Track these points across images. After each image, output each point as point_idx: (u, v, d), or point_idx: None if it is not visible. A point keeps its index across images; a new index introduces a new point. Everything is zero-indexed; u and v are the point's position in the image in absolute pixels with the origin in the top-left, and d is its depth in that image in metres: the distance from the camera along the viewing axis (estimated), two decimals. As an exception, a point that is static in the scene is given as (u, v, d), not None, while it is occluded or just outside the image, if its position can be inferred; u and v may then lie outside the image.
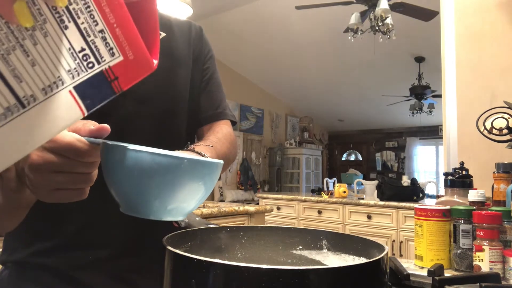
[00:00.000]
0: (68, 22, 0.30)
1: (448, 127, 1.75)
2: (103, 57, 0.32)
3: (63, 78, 0.30)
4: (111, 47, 0.32)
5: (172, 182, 0.40)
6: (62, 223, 0.67)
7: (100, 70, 0.32)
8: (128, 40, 0.32)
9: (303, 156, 7.69)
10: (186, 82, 0.79)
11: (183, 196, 0.42)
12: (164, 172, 0.39)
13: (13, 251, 0.69)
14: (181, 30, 0.82)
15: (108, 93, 0.33)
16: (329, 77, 6.77)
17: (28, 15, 0.27)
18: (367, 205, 3.21)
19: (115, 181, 0.42)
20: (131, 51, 0.33)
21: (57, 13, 0.29)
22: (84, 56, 0.31)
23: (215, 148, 0.70)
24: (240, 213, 2.31)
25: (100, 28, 0.31)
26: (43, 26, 0.28)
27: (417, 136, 8.78)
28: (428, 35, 4.48)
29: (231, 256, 0.54)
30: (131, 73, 0.33)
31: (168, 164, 0.39)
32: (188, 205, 0.44)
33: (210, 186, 0.43)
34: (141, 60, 0.33)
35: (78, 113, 0.32)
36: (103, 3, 0.31)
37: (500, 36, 1.64)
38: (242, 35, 5.54)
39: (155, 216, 0.43)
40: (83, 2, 0.30)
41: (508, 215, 0.81)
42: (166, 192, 0.40)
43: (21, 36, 0.28)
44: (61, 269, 0.66)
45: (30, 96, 0.29)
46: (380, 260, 0.39)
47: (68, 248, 0.67)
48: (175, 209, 0.43)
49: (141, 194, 0.41)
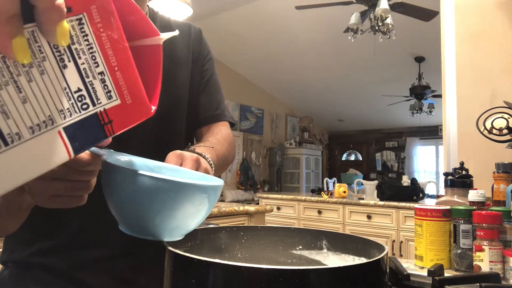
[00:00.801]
0: (68, 62, 0.29)
1: (448, 127, 1.75)
2: (99, 99, 0.31)
3: (54, 117, 0.29)
4: (109, 90, 0.31)
5: (172, 205, 0.40)
6: (63, 223, 0.67)
7: (94, 113, 0.30)
8: (128, 84, 0.32)
9: (303, 156, 7.69)
10: (186, 84, 0.79)
11: (183, 218, 0.42)
12: (164, 196, 0.39)
13: (14, 251, 0.69)
14: (180, 32, 0.82)
15: (99, 136, 0.31)
16: (329, 77, 6.77)
17: (27, 51, 0.26)
18: (367, 205, 3.21)
19: (114, 201, 0.42)
20: (130, 95, 0.32)
21: (58, 51, 0.28)
22: (80, 97, 0.30)
23: (215, 149, 0.70)
24: (240, 213, 2.31)
25: (101, 70, 0.30)
26: (41, 64, 0.28)
27: (417, 136, 8.78)
28: (428, 35, 4.48)
29: (231, 256, 0.54)
30: (127, 117, 0.32)
31: (169, 188, 0.39)
32: (187, 226, 0.44)
33: (210, 207, 0.43)
34: (138, 105, 0.32)
35: (65, 156, 0.30)
36: (107, 45, 0.30)
37: (500, 36, 1.64)
38: (242, 35, 5.54)
39: (154, 237, 0.42)
40: (86, 42, 0.29)
41: (508, 215, 0.81)
42: (166, 215, 0.40)
43: (16, 72, 0.27)
44: (61, 269, 0.66)
45: (15, 134, 0.27)
46: (380, 260, 0.39)
47: (68, 248, 0.67)
48: (174, 230, 0.43)
49: (140, 216, 0.41)
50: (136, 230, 0.42)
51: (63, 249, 0.67)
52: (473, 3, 1.71)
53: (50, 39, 0.27)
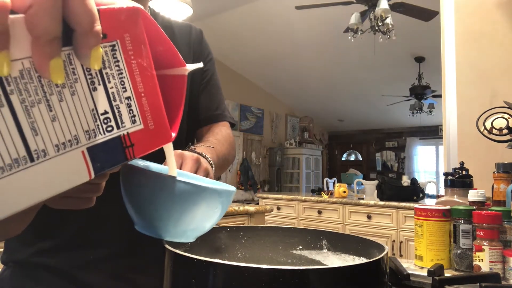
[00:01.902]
0: (98, 85, 0.30)
1: (448, 127, 1.75)
2: (124, 122, 0.31)
3: (79, 137, 0.30)
4: (134, 115, 0.32)
5: (192, 208, 0.41)
6: (63, 223, 0.67)
7: (118, 135, 0.31)
8: (152, 110, 0.33)
9: (303, 156, 7.69)
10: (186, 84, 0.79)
11: (200, 221, 0.43)
12: (186, 199, 0.40)
13: (14, 251, 0.69)
14: (181, 32, 0.83)
15: (120, 159, 0.32)
16: (329, 77, 6.77)
17: (62, 72, 0.27)
18: (367, 205, 3.20)
19: (135, 202, 0.43)
20: (153, 121, 0.33)
21: (89, 74, 0.29)
22: (106, 119, 0.31)
23: (215, 150, 0.70)
24: (240, 213, 2.31)
25: (128, 95, 0.31)
26: (72, 85, 0.29)
27: (417, 136, 8.78)
28: (428, 35, 4.48)
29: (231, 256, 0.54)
30: (148, 142, 0.33)
31: (192, 192, 0.40)
32: (202, 228, 0.45)
33: (224, 211, 0.45)
34: (160, 131, 0.34)
35: (85, 176, 0.31)
36: (136, 72, 0.31)
37: (500, 36, 1.64)
38: (242, 35, 5.54)
39: (170, 238, 0.43)
40: (117, 68, 0.30)
41: (508, 215, 0.81)
42: (185, 217, 0.42)
43: (49, 91, 0.28)
44: (62, 268, 0.66)
45: (41, 151, 0.28)
46: (380, 260, 0.39)
47: (69, 248, 0.67)
48: (190, 231, 0.44)
49: (159, 218, 0.42)
50: (153, 231, 0.44)
51: (64, 249, 0.67)
52: (473, 3, 1.71)
53: (84, 62, 0.29)
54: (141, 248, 0.69)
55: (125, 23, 0.30)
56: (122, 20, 0.30)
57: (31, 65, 0.26)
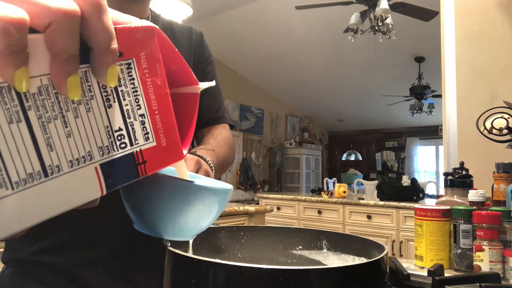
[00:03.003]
0: (113, 102, 0.30)
1: (448, 127, 1.76)
2: (137, 139, 0.32)
3: (93, 153, 0.30)
4: (147, 132, 0.32)
5: (188, 206, 0.42)
6: (64, 222, 0.67)
7: (131, 152, 0.32)
8: (165, 128, 0.33)
9: (303, 156, 7.69)
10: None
11: (197, 219, 0.44)
12: (181, 198, 0.41)
13: (15, 250, 0.69)
14: (182, 34, 0.84)
15: (132, 175, 0.32)
16: (329, 77, 6.77)
17: (78, 89, 0.28)
18: (367, 205, 3.21)
19: (132, 202, 0.44)
20: (165, 138, 0.33)
21: (105, 91, 0.30)
22: (119, 136, 0.31)
23: (215, 152, 0.71)
24: (240, 213, 2.31)
25: (142, 112, 0.32)
26: (88, 102, 0.29)
27: (417, 136, 8.78)
28: (428, 35, 4.48)
29: (231, 256, 0.54)
30: (160, 159, 0.34)
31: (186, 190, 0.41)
32: (200, 226, 0.46)
33: (221, 209, 0.46)
34: (172, 149, 0.34)
35: (97, 192, 0.31)
36: (150, 90, 0.32)
37: (500, 36, 1.64)
38: (242, 35, 5.54)
39: (168, 236, 0.44)
40: (132, 86, 0.31)
41: (508, 215, 0.81)
42: (182, 215, 0.42)
43: (66, 108, 0.28)
44: (63, 267, 0.66)
45: (55, 166, 0.28)
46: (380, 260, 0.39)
47: (69, 247, 0.67)
48: (188, 230, 0.45)
49: (157, 216, 0.42)
50: (151, 229, 0.44)
51: (64, 248, 0.67)
52: (473, 3, 1.71)
53: (101, 80, 0.29)
54: (141, 248, 0.69)
55: (141, 41, 0.31)
56: (138, 39, 0.31)
57: (49, 82, 0.27)
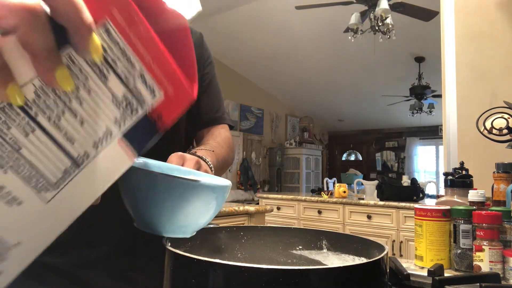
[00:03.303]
0: (107, 73, 0.30)
1: (448, 127, 1.75)
2: (144, 99, 0.32)
3: (111, 129, 0.30)
4: (152, 88, 0.32)
5: (185, 203, 0.42)
6: None
7: (144, 114, 0.32)
8: (166, 76, 0.32)
9: (303, 156, 7.69)
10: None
11: (195, 216, 0.44)
12: (178, 195, 0.41)
13: None
14: None
15: (153, 132, 0.33)
16: (329, 77, 6.77)
17: (69, 79, 0.27)
18: (367, 205, 3.21)
19: (131, 200, 0.44)
20: (171, 86, 0.33)
21: (95, 66, 0.29)
22: (128, 104, 0.31)
23: (215, 153, 0.72)
24: (240, 213, 2.31)
25: (138, 70, 0.31)
26: (85, 84, 0.29)
27: (417, 136, 8.77)
28: (428, 35, 4.48)
29: (231, 256, 0.54)
30: (173, 108, 0.33)
31: (183, 188, 0.41)
32: (199, 223, 0.46)
33: (220, 206, 0.46)
34: (180, 94, 0.33)
35: (128, 160, 0.32)
36: (137, 43, 0.31)
37: (500, 36, 1.64)
38: (242, 35, 5.54)
39: (168, 234, 0.44)
40: (118, 47, 0.30)
41: (508, 215, 0.81)
42: (180, 213, 0.42)
43: (67, 99, 0.28)
44: (63, 267, 0.67)
45: (83, 155, 0.29)
46: (380, 260, 0.39)
47: (70, 247, 0.67)
48: (186, 227, 0.45)
49: (156, 214, 0.43)
50: (151, 227, 0.44)
51: (64, 247, 0.67)
52: (473, 3, 1.71)
53: (86, 56, 0.28)
54: (141, 247, 0.69)
55: None
56: None
57: (42, 83, 0.27)
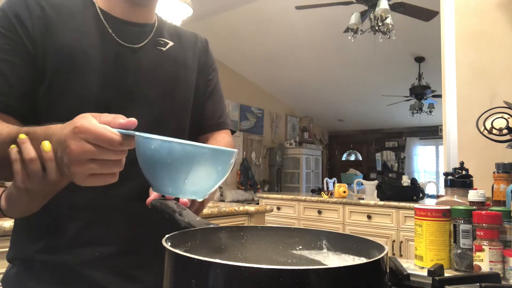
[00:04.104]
0: None
1: (448, 127, 1.75)
2: None
3: None
4: None
5: (197, 167, 0.48)
6: (68, 220, 0.68)
7: None
8: None
9: (303, 156, 7.69)
10: (191, 88, 0.83)
11: (206, 178, 0.50)
12: (191, 159, 0.47)
13: (20, 249, 0.70)
14: (187, 40, 0.87)
15: None
16: (329, 77, 6.77)
17: None
18: (367, 205, 3.20)
19: (148, 167, 0.49)
20: None
21: None
22: None
23: None
24: (240, 213, 2.31)
25: None
26: None
27: (417, 136, 8.77)
28: (428, 35, 4.47)
29: (231, 256, 0.54)
30: None
31: (195, 152, 0.47)
32: (209, 186, 0.52)
33: (227, 170, 0.52)
34: None
35: None
36: None
37: (500, 36, 1.64)
38: (242, 35, 5.54)
39: (182, 196, 0.51)
40: None
41: (508, 215, 0.81)
42: (192, 176, 0.48)
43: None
44: (68, 265, 0.67)
45: None
46: (380, 260, 0.39)
47: (74, 245, 0.68)
48: (199, 189, 0.51)
49: (171, 178, 0.48)
50: (167, 191, 0.50)
51: (69, 246, 0.68)
52: (473, 3, 1.71)
53: None
54: (145, 246, 0.70)
55: None
56: None
57: None
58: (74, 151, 0.46)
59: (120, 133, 0.47)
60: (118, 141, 0.47)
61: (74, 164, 0.47)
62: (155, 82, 0.75)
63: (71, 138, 0.47)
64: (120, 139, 0.47)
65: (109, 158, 0.47)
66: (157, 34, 0.78)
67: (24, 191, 0.52)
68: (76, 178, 0.48)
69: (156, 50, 0.77)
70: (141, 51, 0.74)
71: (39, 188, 0.52)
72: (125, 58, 0.72)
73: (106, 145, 0.46)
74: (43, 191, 0.53)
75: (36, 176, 0.50)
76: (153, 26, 0.79)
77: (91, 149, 0.46)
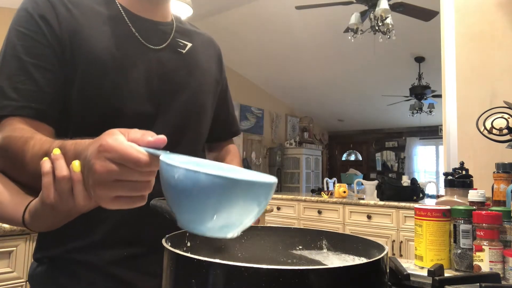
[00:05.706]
0: None
1: (448, 127, 1.75)
2: None
3: None
4: None
5: (227, 202, 0.40)
6: (97, 222, 0.68)
7: None
8: None
9: (303, 156, 7.69)
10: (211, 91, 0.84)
11: (238, 215, 0.42)
12: (220, 193, 0.39)
13: (49, 249, 0.71)
14: (203, 43, 0.87)
15: None
16: (329, 77, 6.77)
17: None
18: (367, 205, 3.20)
19: (172, 199, 0.43)
20: None
21: None
22: None
23: None
24: (240, 213, 2.31)
25: None
26: None
27: (417, 136, 8.77)
28: (428, 35, 4.48)
29: (231, 256, 0.54)
30: None
31: (225, 185, 0.39)
32: (242, 224, 0.44)
33: (265, 205, 0.43)
34: None
35: None
36: None
37: (500, 36, 1.64)
38: (242, 35, 5.54)
39: (209, 234, 0.43)
40: None
41: (508, 215, 0.81)
42: (221, 212, 0.40)
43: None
44: (96, 264, 0.68)
45: None
46: (380, 260, 0.39)
47: (102, 246, 0.69)
48: (229, 227, 0.43)
49: (197, 212, 0.41)
50: (192, 227, 0.43)
51: (97, 247, 0.68)
52: (473, 3, 1.71)
53: None
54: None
55: None
56: None
57: None
58: (98, 171, 0.42)
59: (148, 152, 0.43)
60: (145, 161, 0.42)
61: (98, 185, 0.43)
62: (176, 86, 0.74)
63: (96, 158, 0.43)
64: (147, 159, 0.42)
65: (135, 179, 0.43)
66: (176, 34, 0.78)
67: (49, 207, 0.49)
68: (101, 201, 0.45)
69: (177, 53, 0.77)
70: (162, 53, 0.74)
71: (64, 208, 0.49)
72: (149, 61, 0.71)
73: (132, 166, 0.42)
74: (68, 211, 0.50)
75: (65, 195, 0.47)
76: (171, 25, 0.78)
77: (116, 169, 0.42)
